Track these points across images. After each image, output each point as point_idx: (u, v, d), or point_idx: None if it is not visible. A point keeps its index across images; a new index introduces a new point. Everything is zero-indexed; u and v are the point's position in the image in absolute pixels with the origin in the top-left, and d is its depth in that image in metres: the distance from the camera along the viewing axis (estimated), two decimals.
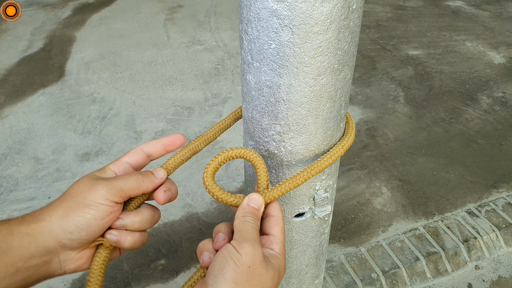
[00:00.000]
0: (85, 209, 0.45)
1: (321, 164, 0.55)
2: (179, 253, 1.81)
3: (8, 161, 2.34)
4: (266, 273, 0.45)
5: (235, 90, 2.91)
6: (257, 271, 0.44)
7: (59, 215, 0.45)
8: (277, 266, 0.47)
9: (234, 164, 2.27)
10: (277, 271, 0.47)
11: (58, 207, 0.46)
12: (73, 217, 0.45)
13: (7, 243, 0.43)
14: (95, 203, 0.46)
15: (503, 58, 3.28)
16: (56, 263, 0.47)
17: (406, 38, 3.59)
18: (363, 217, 1.97)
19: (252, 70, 0.53)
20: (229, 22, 3.89)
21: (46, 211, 0.46)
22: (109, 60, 3.31)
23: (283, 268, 0.49)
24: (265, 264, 0.46)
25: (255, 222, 0.49)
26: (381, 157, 2.32)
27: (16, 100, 2.86)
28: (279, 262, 0.48)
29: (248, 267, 0.44)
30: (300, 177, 0.54)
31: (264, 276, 0.45)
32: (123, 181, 0.48)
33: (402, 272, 1.71)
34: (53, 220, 0.45)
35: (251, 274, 0.44)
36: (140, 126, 2.58)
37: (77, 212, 0.45)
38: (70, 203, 0.46)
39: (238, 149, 0.53)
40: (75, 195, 0.47)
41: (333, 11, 0.45)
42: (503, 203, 2.00)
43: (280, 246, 0.50)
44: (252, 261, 0.45)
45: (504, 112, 2.68)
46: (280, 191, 0.52)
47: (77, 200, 0.46)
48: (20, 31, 3.80)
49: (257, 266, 0.45)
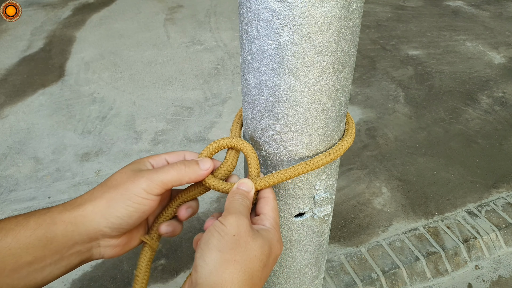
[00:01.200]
0: (127, 201, 0.47)
1: (317, 161, 0.55)
2: (179, 253, 1.81)
3: (8, 161, 2.34)
4: (253, 241, 0.45)
5: (235, 90, 2.91)
6: (243, 239, 0.45)
7: (102, 205, 0.47)
8: (268, 238, 0.47)
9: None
10: (268, 242, 0.47)
11: (101, 198, 0.48)
12: (116, 208, 0.47)
13: (51, 232, 0.45)
14: (137, 196, 0.48)
15: (503, 58, 3.28)
16: (96, 249, 0.49)
17: (406, 38, 3.59)
18: (363, 217, 1.97)
19: (252, 70, 0.53)
20: (229, 22, 3.89)
21: (88, 201, 0.48)
22: (109, 60, 3.31)
23: (277, 243, 0.49)
24: (252, 233, 0.46)
25: (244, 200, 0.50)
26: (381, 157, 2.32)
27: (16, 100, 2.86)
28: (270, 235, 0.48)
29: (232, 235, 0.45)
30: (294, 170, 0.54)
31: (250, 244, 0.45)
32: (164, 173, 0.49)
33: (402, 272, 1.71)
34: (96, 210, 0.47)
35: (236, 243, 0.44)
36: (140, 126, 2.58)
37: (119, 204, 0.47)
38: (113, 194, 0.48)
39: (229, 138, 0.55)
40: (117, 186, 0.48)
41: (333, 11, 0.45)
42: (503, 203, 2.00)
43: (271, 222, 0.50)
44: (237, 230, 0.45)
45: (504, 112, 2.68)
46: (271, 180, 0.53)
47: (120, 192, 0.48)
48: (20, 31, 3.80)
49: (242, 234, 0.45)
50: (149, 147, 2.41)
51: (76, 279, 1.72)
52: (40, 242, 0.44)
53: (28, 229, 0.44)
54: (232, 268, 0.43)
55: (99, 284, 1.70)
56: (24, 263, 0.43)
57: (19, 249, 0.43)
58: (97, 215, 0.47)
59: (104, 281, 1.71)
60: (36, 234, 0.44)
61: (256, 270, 0.45)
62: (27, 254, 0.43)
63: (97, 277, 1.72)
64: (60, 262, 0.46)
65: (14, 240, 0.43)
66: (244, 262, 0.44)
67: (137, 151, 2.39)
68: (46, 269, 0.45)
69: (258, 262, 0.45)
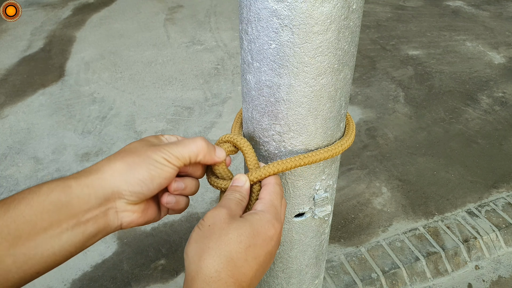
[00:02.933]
0: (150, 166, 0.47)
1: (315, 155, 0.55)
2: (179, 253, 1.81)
3: (8, 161, 2.34)
4: (228, 226, 0.46)
5: (235, 90, 2.91)
6: (217, 227, 0.46)
7: (123, 168, 0.46)
8: (250, 220, 0.47)
9: (234, 164, 2.28)
10: (249, 223, 0.47)
11: (120, 161, 0.47)
12: (139, 170, 0.47)
13: (66, 196, 0.44)
14: (158, 163, 0.47)
15: (503, 58, 3.28)
16: (113, 214, 0.48)
17: (406, 38, 3.59)
18: (363, 217, 1.97)
19: (252, 70, 0.53)
20: (229, 22, 3.89)
21: (106, 164, 0.47)
22: (109, 60, 3.31)
23: (267, 223, 0.48)
24: (228, 220, 0.47)
25: (232, 194, 0.52)
26: (381, 157, 2.32)
27: (16, 100, 2.86)
28: (257, 217, 0.48)
29: (208, 226, 0.46)
30: (290, 162, 0.54)
31: (225, 229, 0.46)
32: (185, 147, 0.50)
33: (402, 272, 1.71)
34: (116, 174, 0.46)
35: (211, 231, 0.46)
36: (140, 126, 2.58)
37: (142, 166, 0.47)
38: (135, 158, 0.47)
39: (226, 135, 0.57)
40: (138, 153, 0.48)
41: (333, 11, 0.45)
42: (503, 203, 2.00)
43: (263, 204, 0.51)
44: (212, 220, 0.46)
45: (504, 112, 2.68)
46: (267, 170, 0.54)
47: (142, 157, 0.47)
48: (20, 31, 3.80)
49: (217, 223, 0.46)
50: None
51: (76, 279, 1.72)
52: (55, 206, 0.43)
53: (41, 195, 0.43)
54: (206, 255, 0.44)
55: (99, 284, 1.70)
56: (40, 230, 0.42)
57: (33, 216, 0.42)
58: (117, 178, 0.46)
59: (104, 281, 1.71)
60: (50, 199, 0.43)
61: (235, 251, 0.45)
62: (42, 220, 0.42)
63: (97, 277, 1.72)
64: (77, 228, 0.45)
65: (28, 207, 0.42)
66: (218, 247, 0.44)
67: None
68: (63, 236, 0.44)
69: (235, 243, 0.45)
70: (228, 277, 0.44)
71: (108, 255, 1.81)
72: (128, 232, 1.91)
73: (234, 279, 0.44)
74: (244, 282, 0.45)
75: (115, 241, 1.87)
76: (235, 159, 2.30)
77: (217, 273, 0.43)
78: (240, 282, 0.44)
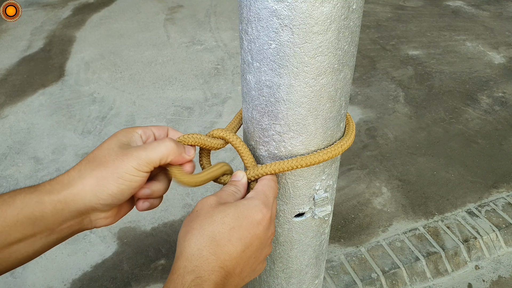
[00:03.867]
0: (119, 180, 0.47)
1: (314, 157, 0.55)
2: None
3: (8, 161, 2.34)
4: (213, 209, 0.47)
5: (235, 90, 2.91)
6: (203, 211, 0.47)
7: (92, 184, 0.47)
8: (238, 205, 0.48)
9: (234, 164, 2.28)
10: (235, 208, 0.48)
11: (90, 176, 0.47)
12: (107, 186, 0.47)
13: (40, 211, 0.44)
14: (127, 174, 0.47)
15: (503, 58, 3.28)
16: (87, 222, 0.50)
17: (406, 38, 3.60)
18: (363, 217, 1.97)
19: (252, 70, 0.53)
20: (229, 22, 3.89)
21: (77, 178, 0.47)
22: (109, 60, 3.31)
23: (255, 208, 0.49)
24: (214, 205, 0.48)
25: (228, 187, 0.53)
26: (381, 157, 2.32)
27: (16, 100, 2.87)
28: (245, 202, 0.49)
29: (195, 211, 0.48)
30: (290, 163, 0.55)
31: (210, 212, 0.47)
32: (154, 151, 0.49)
33: (402, 272, 1.71)
34: (86, 189, 0.47)
35: (196, 214, 0.47)
36: None
37: (110, 182, 0.47)
38: (103, 172, 0.47)
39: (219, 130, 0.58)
40: (106, 164, 0.48)
41: (333, 11, 0.45)
42: (503, 203, 2.00)
43: (253, 193, 0.52)
44: (200, 206, 0.48)
45: (504, 112, 2.68)
46: (266, 169, 0.55)
47: (110, 170, 0.47)
48: (20, 31, 3.80)
49: (204, 208, 0.48)
50: None
51: (76, 279, 1.72)
52: (29, 220, 0.44)
53: (15, 208, 0.43)
54: (189, 235, 0.45)
55: (99, 284, 1.70)
56: (14, 240, 0.43)
57: (7, 227, 0.43)
58: (87, 193, 0.46)
59: (104, 281, 1.71)
60: (24, 213, 0.44)
61: (218, 231, 0.45)
62: (15, 231, 0.43)
63: (97, 277, 1.72)
64: (51, 236, 0.46)
65: (1, 218, 0.43)
66: (201, 228, 0.45)
67: None
68: (37, 243, 0.45)
69: (218, 224, 0.46)
70: (210, 255, 0.44)
71: (108, 255, 1.81)
72: (128, 232, 1.91)
73: (216, 257, 0.44)
74: (227, 261, 0.45)
75: (115, 241, 1.87)
76: (235, 159, 2.30)
77: (199, 250, 0.44)
78: (223, 260, 0.45)
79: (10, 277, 1.73)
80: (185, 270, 0.43)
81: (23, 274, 1.74)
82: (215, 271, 0.44)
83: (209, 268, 0.43)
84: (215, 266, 0.44)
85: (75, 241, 1.88)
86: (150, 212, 2.01)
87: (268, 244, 0.51)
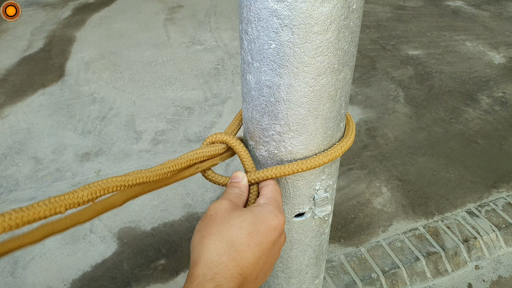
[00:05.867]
0: None
1: (315, 161, 0.55)
2: (179, 253, 1.81)
3: (8, 161, 2.34)
4: (230, 214, 0.47)
5: (235, 90, 2.91)
6: (219, 216, 0.47)
7: None
8: (253, 211, 0.48)
9: (234, 164, 2.28)
10: (251, 212, 0.48)
11: None
12: None
13: None
14: None
15: (503, 58, 3.28)
16: None
17: (406, 38, 3.59)
18: (363, 217, 1.97)
19: (252, 70, 0.53)
20: (229, 22, 3.89)
21: None
22: (109, 60, 3.31)
23: (270, 214, 0.49)
24: (231, 210, 0.48)
25: (232, 189, 0.53)
26: (381, 157, 2.32)
27: (16, 100, 2.86)
28: (259, 208, 0.49)
29: (209, 216, 0.47)
30: (290, 167, 0.55)
31: (227, 217, 0.46)
32: None
33: (402, 272, 1.71)
34: None
35: (212, 220, 0.47)
36: (140, 126, 2.58)
37: None
38: None
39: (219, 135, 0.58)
40: None
41: (333, 11, 0.45)
42: (503, 203, 2.00)
43: (266, 198, 0.52)
44: (214, 211, 0.48)
45: (504, 112, 2.68)
46: (265, 174, 0.55)
47: None
48: (20, 31, 3.80)
49: (219, 213, 0.47)
50: (149, 147, 2.42)
51: (76, 279, 1.72)
52: None
53: None
54: (207, 240, 0.44)
55: (99, 284, 1.70)
56: None
57: None
58: None
59: (104, 281, 1.71)
60: None
61: (237, 236, 0.45)
62: None
63: (97, 277, 1.72)
64: None
65: None
66: (219, 233, 0.45)
67: (137, 151, 2.39)
68: None
69: (237, 229, 0.45)
70: (229, 261, 0.43)
71: (108, 255, 1.81)
72: (128, 232, 1.91)
73: (235, 263, 0.44)
74: (245, 268, 0.45)
75: (115, 241, 1.87)
76: (235, 159, 2.30)
77: (218, 256, 0.43)
78: (242, 266, 0.44)
79: (10, 277, 1.73)
80: (205, 278, 0.42)
81: (23, 274, 1.74)
82: (234, 278, 0.43)
83: (228, 275, 0.43)
84: (234, 273, 0.43)
85: (75, 241, 1.88)
86: (150, 212, 2.01)
87: (280, 249, 0.52)
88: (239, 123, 0.65)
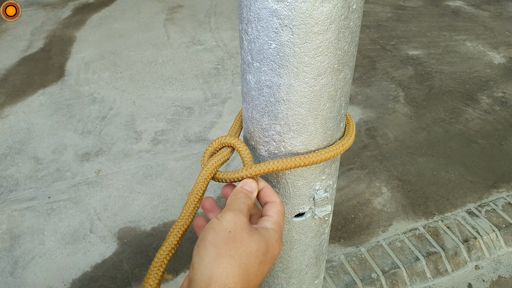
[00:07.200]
0: None
1: (315, 156, 0.55)
2: (179, 253, 1.81)
3: (8, 161, 2.34)
4: (249, 237, 0.46)
5: (235, 90, 2.91)
6: (239, 235, 0.45)
7: None
8: (265, 236, 0.48)
9: (234, 164, 2.28)
10: (264, 240, 0.47)
11: None
12: None
13: None
14: None
15: (503, 58, 3.28)
16: None
17: (406, 38, 3.59)
18: (363, 217, 1.97)
19: (252, 70, 0.53)
20: (229, 22, 3.88)
21: None
22: (109, 60, 3.31)
23: (276, 243, 0.49)
24: (249, 230, 0.46)
25: (246, 199, 0.51)
26: (381, 157, 2.32)
27: (16, 100, 2.86)
28: (269, 234, 0.48)
29: (228, 232, 0.45)
30: (290, 162, 0.54)
31: (246, 240, 0.45)
32: None
33: (402, 272, 1.71)
34: None
35: (232, 238, 0.45)
36: (140, 126, 2.58)
37: None
38: None
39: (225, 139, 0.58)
40: None
41: (333, 11, 0.45)
42: (503, 203, 2.00)
43: (272, 223, 0.51)
44: (233, 227, 0.45)
45: (504, 112, 2.68)
46: (266, 167, 0.54)
47: None
48: (20, 31, 3.80)
49: (238, 231, 0.45)
50: (149, 147, 2.42)
51: (76, 279, 1.72)
52: None
53: None
54: (226, 263, 0.43)
55: (99, 284, 1.70)
56: None
57: None
58: None
59: (104, 281, 1.71)
60: None
61: (251, 265, 0.45)
62: None
63: (97, 277, 1.72)
64: None
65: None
66: (239, 258, 0.44)
67: (137, 151, 2.39)
68: None
69: (253, 258, 0.45)
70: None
71: (108, 255, 1.81)
72: (128, 232, 1.91)
73: None
74: None
75: (115, 241, 1.87)
76: (235, 159, 2.30)
77: (234, 283, 0.43)
78: None
79: (10, 277, 1.73)
80: None
81: (23, 274, 1.74)
82: None
83: None
84: None
85: (75, 241, 1.88)
86: (150, 212, 2.01)
87: None
88: (240, 124, 0.65)
